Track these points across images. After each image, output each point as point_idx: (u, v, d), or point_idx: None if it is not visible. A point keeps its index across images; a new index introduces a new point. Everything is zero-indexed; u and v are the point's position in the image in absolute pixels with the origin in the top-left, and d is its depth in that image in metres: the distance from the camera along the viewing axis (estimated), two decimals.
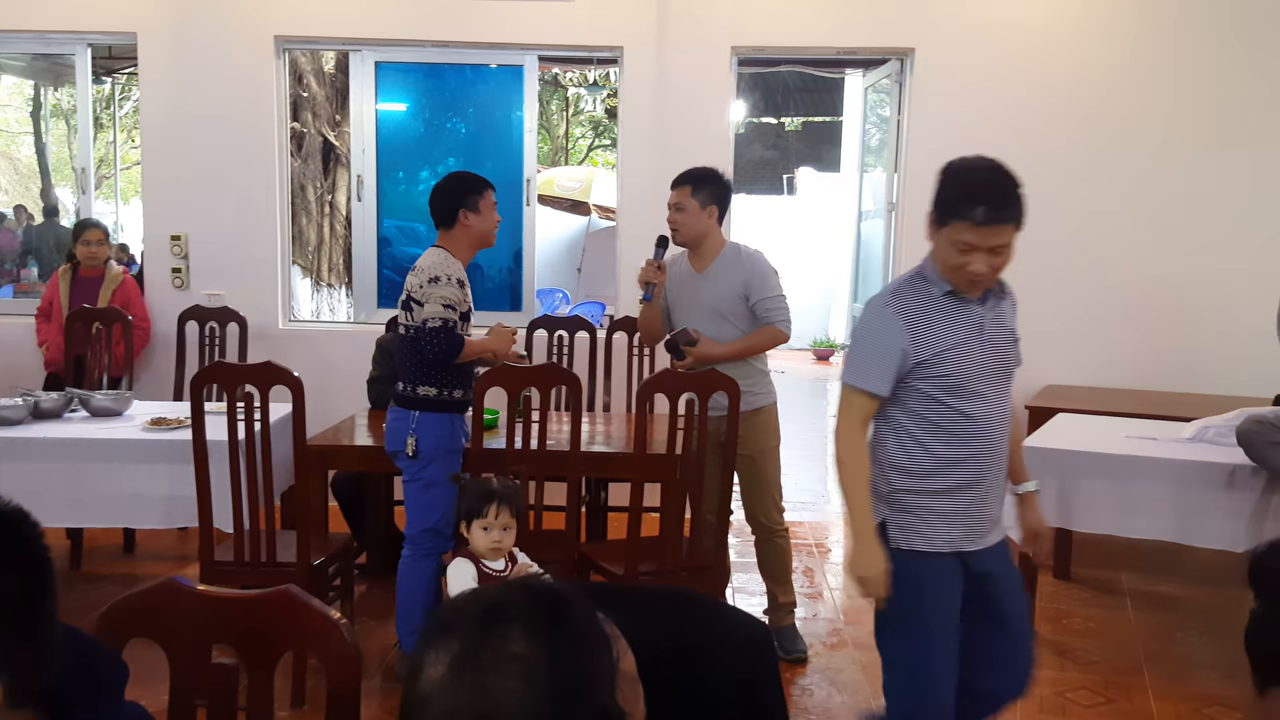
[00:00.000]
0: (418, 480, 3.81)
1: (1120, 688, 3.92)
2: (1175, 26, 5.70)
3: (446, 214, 3.89)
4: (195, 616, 1.61)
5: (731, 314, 4.12)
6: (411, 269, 3.86)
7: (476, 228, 3.89)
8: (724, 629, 1.91)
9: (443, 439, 3.80)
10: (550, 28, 5.99)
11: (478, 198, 3.88)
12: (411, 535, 3.85)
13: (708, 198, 4.13)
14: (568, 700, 1.01)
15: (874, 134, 6.92)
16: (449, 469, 3.80)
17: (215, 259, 6.12)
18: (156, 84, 6.09)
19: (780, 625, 4.24)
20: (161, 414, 4.49)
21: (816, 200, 15.07)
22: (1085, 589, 4.97)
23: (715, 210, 4.16)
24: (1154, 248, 5.74)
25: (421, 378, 3.80)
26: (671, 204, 4.16)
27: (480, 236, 3.91)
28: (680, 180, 4.18)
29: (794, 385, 12.32)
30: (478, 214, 3.88)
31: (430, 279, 3.76)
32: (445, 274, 3.77)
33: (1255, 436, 3.76)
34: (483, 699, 1.00)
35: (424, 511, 3.81)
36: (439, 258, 3.82)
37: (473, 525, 3.09)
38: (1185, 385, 5.57)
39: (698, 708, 1.68)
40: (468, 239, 3.89)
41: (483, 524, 3.08)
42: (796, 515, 6.28)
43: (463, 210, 3.87)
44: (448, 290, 3.76)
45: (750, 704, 1.81)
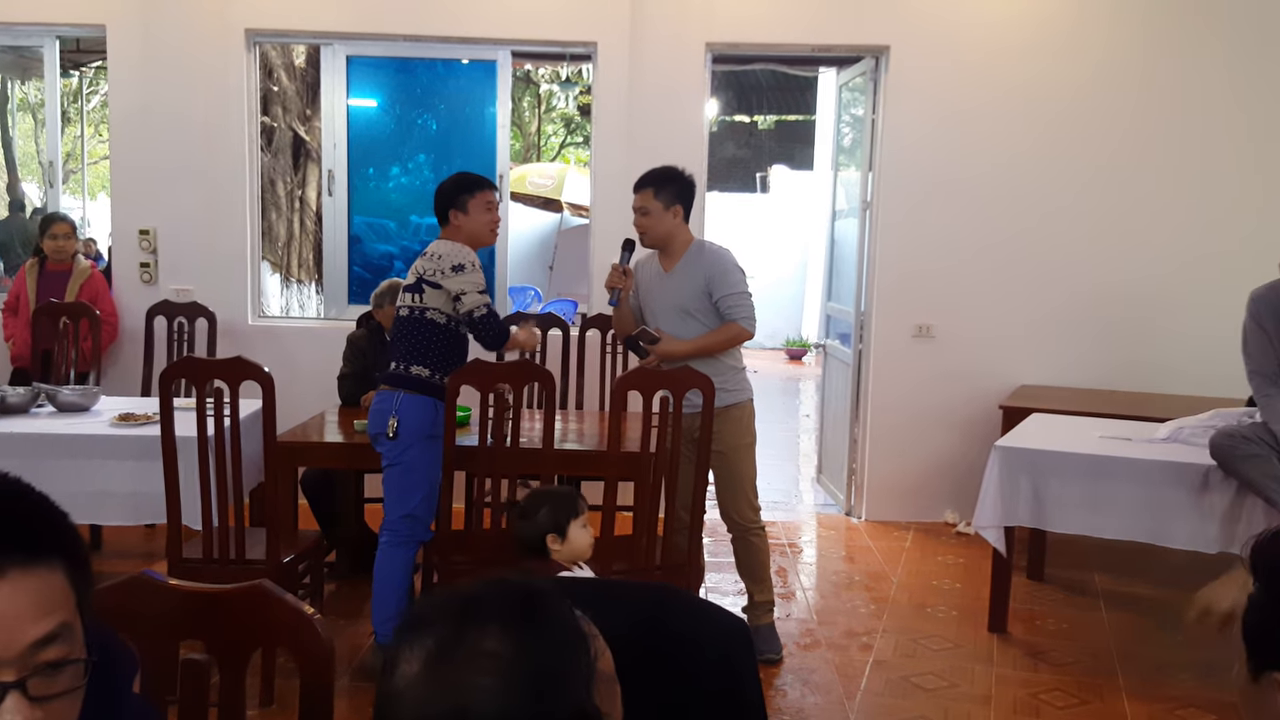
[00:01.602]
0: (398, 463, 3.79)
1: (1094, 688, 3.93)
2: (1146, 27, 5.74)
3: (441, 215, 3.95)
4: (166, 611, 1.57)
5: (698, 311, 4.10)
6: (422, 254, 3.90)
7: (466, 228, 3.90)
8: (703, 624, 1.90)
9: (424, 423, 3.79)
10: (524, 23, 5.96)
11: (468, 197, 3.90)
12: (389, 521, 3.83)
13: (670, 198, 4.11)
14: (544, 698, 1.00)
15: (847, 133, 6.93)
16: (428, 455, 3.80)
17: (184, 254, 6.04)
18: (125, 77, 6.01)
19: (758, 624, 4.20)
20: (130, 409, 4.42)
21: (789, 199, 15.10)
22: (1058, 590, 4.99)
23: (679, 209, 4.14)
24: (1127, 248, 5.78)
25: (417, 357, 3.82)
26: (635, 208, 4.15)
27: (471, 236, 3.91)
28: (642, 183, 4.16)
29: (766, 384, 12.34)
30: (466, 214, 3.89)
31: (454, 266, 3.79)
32: (469, 261, 3.81)
33: (1227, 451, 3.78)
34: (457, 695, 0.99)
35: (402, 496, 3.80)
36: (452, 246, 3.84)
37: (570, 526, 2.96)
38: (1159, 385, 5.60)
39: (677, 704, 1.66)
40: (461, 238, 3.90)
41: (581, 522, 2.99)
42: (770, 515, 6.24)
43: (452, 210, 3.90)
44: (476, 276, 3.82)
45: (730, 700, 1.79)
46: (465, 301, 3.80)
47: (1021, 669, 4.11)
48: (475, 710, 0.98)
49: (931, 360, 5.89)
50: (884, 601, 4.75)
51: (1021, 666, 4.14)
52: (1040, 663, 4.17)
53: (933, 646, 4.27)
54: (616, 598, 2.04)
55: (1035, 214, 5.83)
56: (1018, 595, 4.70)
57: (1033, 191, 5.83)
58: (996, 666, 4.12)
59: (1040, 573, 5.08)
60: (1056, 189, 5.83)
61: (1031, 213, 5.83)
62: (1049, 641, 4.38)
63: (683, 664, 1.78)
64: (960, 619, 4.57)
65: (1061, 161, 5.82)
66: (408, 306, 3.88)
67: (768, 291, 14.72)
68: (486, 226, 3.94)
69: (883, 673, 4.05)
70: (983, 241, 5.79)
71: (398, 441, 3.77)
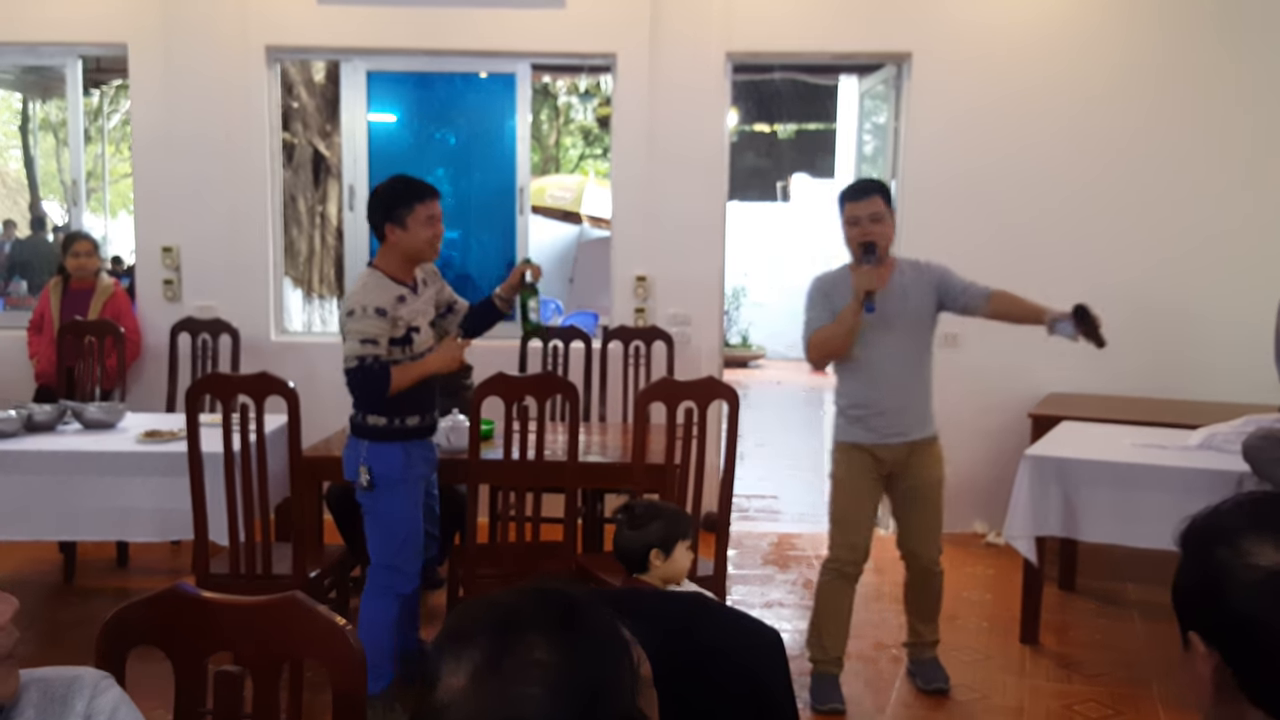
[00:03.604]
0: (373, 512, 3.61)
1: (1128, 700, 3.88)
2: (1167, 29, 5.69)
3: (375, 226, 3.60)
4: (200, 624, 1.57)
5: (927, 328, 3.87)
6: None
7: (403, 244, 3.55)
8: (737, 633, 1.89)
9: (396, 468, 3.57)
10: (543, 35, 5.96)
11: (405, 211, 3.52)
12: (371, 569, 3.68)
13: (890, 207, 3.80)
14: (594, 706, 1.00)
15: (869, 141, 6.90)
16: (405, 499, 3.61)
17: (207, 271, 6.07)
18: (147, 95, 6.04)
19: (920, 658, 4.02)
20: (155, 426, 4.43)
21: (810, 207, 15.06)
22: (1091, 600, 4.93)
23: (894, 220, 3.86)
24: (1156, 253, 5.72)
25: (370, 407, 3.58)
26: (866, 215, 3.72)
27: (408, 254, 3.57)
28: (868, 190, 3.79)
29: (790, 396, 12.31)
30: (403, 229, 3.53)
31: (347, 312, 3.49)
32: (360, 305, 3.46)
33: (1260, 453, 3.73)
34: (509, 707, 0.98)
35: (382, 545, 3.62)
36: (359, 284, 3.54)
37: (677, 547, 2.85)
38: (1190, 392, 5.54)
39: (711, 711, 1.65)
40: (398, 255, 3.57)
41: (687, 544, 2.88)
42: (796, 527, 6.24)
43: (387, 224, 3.54)
44: (363, 324, 3.46)
45: (762, 708, 1.78)
46: (344, 349, 3.49)
47: (1054, 680, 4.06)
48: None
49: (959, 369, 5.83)
50: None
51: (1054, 678, 4.08)
52: (1073, 674, 4.12)
53: (964, 658, 4.22)
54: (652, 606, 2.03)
55: (1061, 220, 5.78)
56: (1049, 606, 4.64)
57: (1057, 196, 5.78)
58: (1029, 678, 4.07)
59: (1072, 583, 5.02)
60: (1081, 193, 5.78)
61: (1057, 218, 5.78)
62: (1082, 652, 4.33)
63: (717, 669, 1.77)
64: (991, 630, 4.52)
65: (1086, 165, 5.77)
66: (345, 356, 3.54)
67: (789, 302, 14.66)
68: (428, 242, 3.58)
69: (913, 685, 4.00)
70: (1008, 248, 5.73)
71: (371, 491, 3.58)
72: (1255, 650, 1.19)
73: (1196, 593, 1.24)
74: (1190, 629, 1.24)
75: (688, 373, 5.28)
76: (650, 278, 6.00)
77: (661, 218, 5.96)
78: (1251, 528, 1.22)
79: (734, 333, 14.40)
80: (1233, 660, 1.20)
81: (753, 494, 6.96)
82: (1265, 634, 1.17)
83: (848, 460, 3.90)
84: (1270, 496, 1.30)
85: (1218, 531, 1.24)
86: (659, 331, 5.71)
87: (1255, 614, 1.18)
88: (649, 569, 2.83)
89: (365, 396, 3.54)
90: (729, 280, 9.21)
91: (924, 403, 3.87)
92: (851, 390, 3.89)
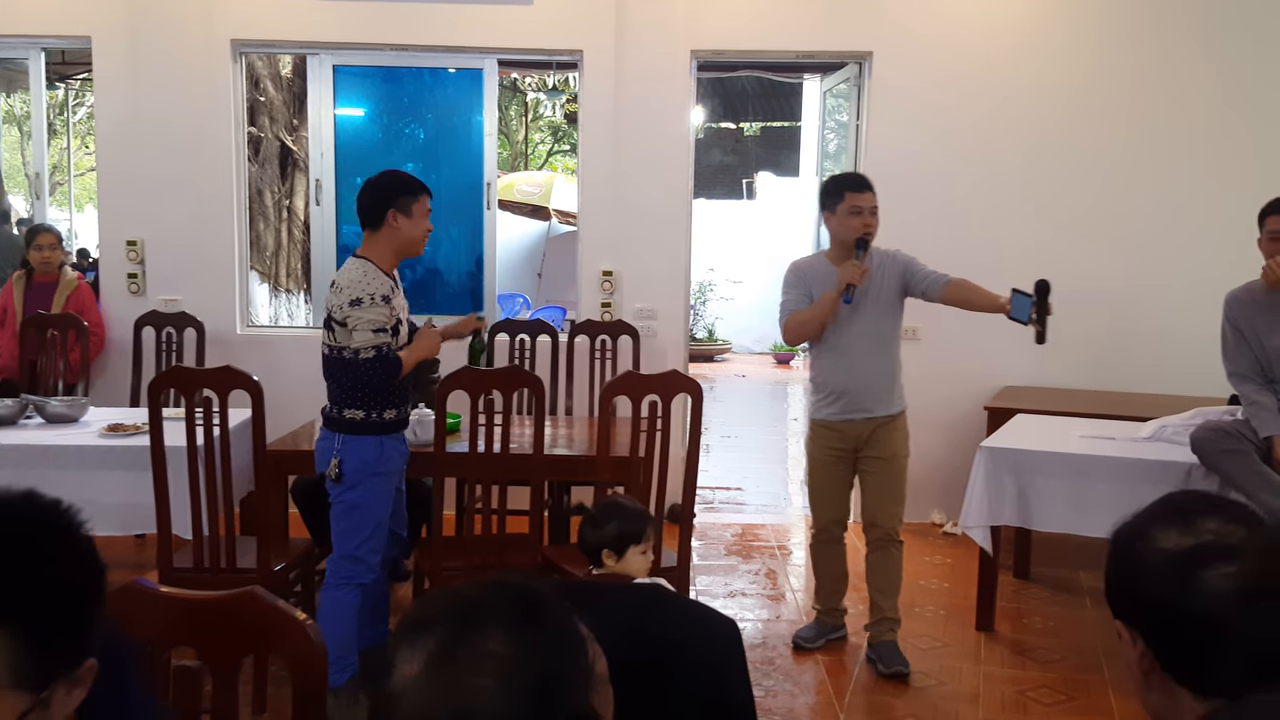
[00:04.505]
0: (340, 503, 3.63)
1: (1080, 685, 3.96)
2: (1128, 32, 5.79)
3: (375, 213, 3.60)
4: (157, 619, 1.59)
5: (893, 313, 4.10)
6: (331, 286, 3.61)
7: (405, 233, 3.60)
8: (694, 624, 1.92)
9: (368, 462, 3.60)
10: (509, 32, 5.98)
11: (411, 200, 3.60)
12: (331, 560, 3.70)
13: None
14: (546, 700, 1.01)
15: (832, 139, 6.97)
16: (376, 492, 3.64)
17: (172, 264, 6.05)
18: (112, 88, 6.02)
19: (880, 640, 4.12)
20: (119, 420, 4.43)
21: (776, 205, 15.13)
22: (1044, 588, 5.03)
23: None
24: (1108, 249, 5.82)
25: (348, 400, 3.59)
26: (869, 207, 4.00)
27: (407, 243, 3.64)
28: (870, 184, 4.05)
29: (755, 389, 12.37)
30: (409, 218, 3.59)
31: (351, 301, 3.50)
32: (367, 294, 3.50)
33: (1209, 445, 3.82)
34: (460, 697, 0.99)
35: (346, 536, 3.64)
36: (358, 273, 3.54)
37: (629, 549, 2.90)
38: (1142, 385, 5.65)
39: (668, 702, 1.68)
40: (393, 244, 3.62)
41: (641, 549, 2.92)
42: (759, 518, 6.31)
43: (393, 210, 3.58)
44: (373, 313, 3.51)
45: (719, 698, 1.82)
46: (355, 339, 3.52)
47: (1009, 667, 4.15)
48: (478, 712, 0.99)
49: (917, 363, 5.88)
50: None
51: (1009, 664, 4.17)
52: (1027, 660, 4.20)
53: (921, 646, 4.30)
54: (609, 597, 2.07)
55: (1018, 216, 5.87)
56: (1004, 594, 4.74)
57: (1014, 193, 5.87)
58: (984, 665, 4.15)
59: (1026, 571, 5.12)
60: (1039, 192, 5.87)
61: (1014, 215, 5.87)
62: (1036, 639, 4.41)
63: (674, 661, 1.80)
64: (948, 618, 4.60)
65: (1043, 165, 5.86)
66: (326, 345, 3.62)
67: (755, 297, 14.78)
68: (423, 235, 3.67)
69: (872, 672, 4.07)
70: (966, 244, 5.80)
71: (340, 483, 3.61)
72: (1168, 628, 1.27)
73: (1118, 583, 1.34)
74: (1117, 619, 1.33)
75: (654, 366, 5.33)
76: (617, 272, 6.04)
77: (628, 213, 6.00)
78: (1161, 519, 1.32)
79: (700, 327, 14.46)
80: (1152, 642, 1.29)
81: (718, 485, 7.02)
82: (1172, 612, 1.26)
83: (817, 437, 4.21)
84: (1185, 493, 1.40)
85: (1135, 527, 1.34)
86: (625, 326, 5.75)
87: (1162, 594, 1.27)
88: (603, 566, 2.90)
89: (378, 385, 3.57)
90: (695, 275, 9.26)
91: (888, 382, 4.11)
92: (821, 370, 4.17)
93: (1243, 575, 1.25)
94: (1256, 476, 3.70)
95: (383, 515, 3.70)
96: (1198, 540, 1.28)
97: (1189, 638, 1.26)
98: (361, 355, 3.53)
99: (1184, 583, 1.26)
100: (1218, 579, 1.25)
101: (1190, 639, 1.26)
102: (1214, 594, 1.25)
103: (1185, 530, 1.29)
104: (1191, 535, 1.28)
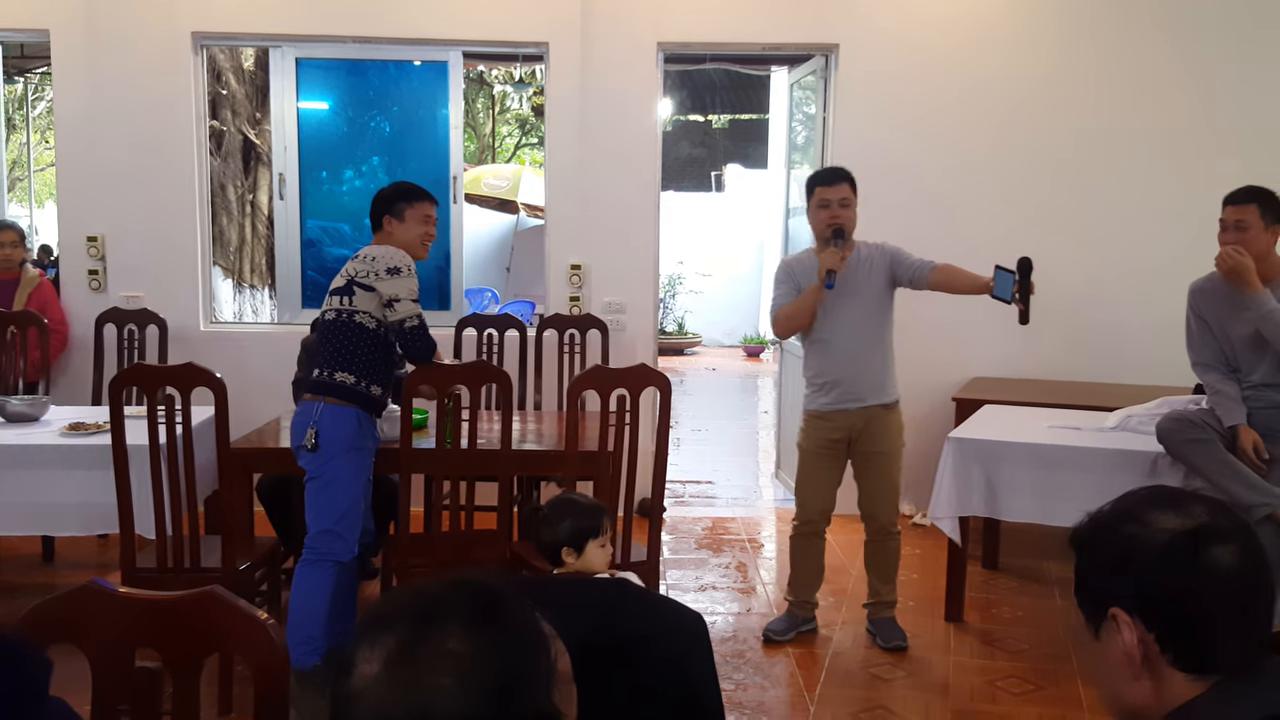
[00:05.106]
0: (318, 477, 3.65)
1: (1049, 675, 3.98)
2: (1093, 26, 5.82)
3: (375, 218, 3.85)
4: (117, 620, 1.56)
5: (882, 302, 4.17)
6: (354, 256, 3.76)
7: (399, 236, 3.79)
8: (661, 618, 1.91)
9: (344, 435, 3.64)
10: (474, 24, 5.94)
11: (405, 205, 3.80)
12: (308, 538, 3.69)
13: (855, 196, 4.16)
14: (506, 700, 1.00)
15: (800, 131, 6.97)
16: (351, 468, 3.66)
17: (133, 260, 5.97)
18: (71, 82, 5.93)
19: (879, 618, 4.29)
20: (80, 419, 4.37)
21: (745, 197, 15.16)
22: (1013, 578, 5.06)
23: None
24: (1073, 241, 5.84)
25: (341, 364, 3.67)
26: (835, 200, 4.10)
27: (404, 246, 3.77)
28: (841, 177, 4.15)
29: (725, 382, 12.40)
30: (402, 223, 3.79)
31: (389, 269, 3.65)
32: (405, 264, 3.69)
33: (1174, 434, 3.84)
34: (419, 696, 0.99)
35: (322, 511, 3.66)
36: (387, 249, 3.72)
37: (588, 545, 2.89)
38: (1108, 376, 5.69)
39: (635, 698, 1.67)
40: (392, 246, 3.78)
41: (599, 542, 2.91)
42: (730, 510, 6.31)
43: (387, 216, 3.80)
44: (411, 282, 3.69)
45: (687, 693, 1.81)
46: (398, 309, 3.66)
47: (978, 656, 4.17)
48: (437, 711, 0.98)
49: None
50: (843, 594, 4.79)
51: (978, 654, 4.19)
52: (996, 650, 4.22)
53: None
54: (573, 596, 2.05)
55: (983, 208, 5.89)
56: (973, 584, 4.76)
57: (982, 186, 5.89)
58: (954, 655, 4.17)
59: (995, 562, 5.14)
60: (1005, 184, 5.90)
61: (981, 208, 5.89)
62: (1004, 629, 4.44)
63: (641, 656, 1.79)
64: (918, 609, 4.61)
65: (1010, 157, 5.88)
66: (334, 310, 3.72)
67: (724, 289, 14.82)
68: (420, 238, 3.83)
69: (841, 664, 4.09)
70: (934, 237, 5.79)
71: (318, 454, 3.62)
72: (1171, 608, 1.29)
73: (1112, 569, 1.34)
74: (1109, 608, 1.32)
75: (623, 360, 5.30)
76: (585, 266, 6.02)
77: (596, 206, 5.98)
78: (1150, 504, 1.35)
79: (670, 320, 14.47)
80: (1153, 624, 1.30)
81: (688, 479, 7.02)
82: (1177, 591, 1.28)
83: (809, 429, 4.27)
84: (1163, 487, 1.44)
85: (1122, 514, 1.36)
86: (594, 319, 5.74)
87: (1171, 571, 1.29)
88: (563, 565, 2.88)
89: (418, 352, 3.72)
90: (664, 268, 9.25)
91: (880, 372, 4.17)
92: (813, 361, 4.24)
93: (1245, 553, 1.29)
94: (1221, 465, 3.73)
95: (360, 492, 3.73)
96: (1198, 521, 1.31)
97: (1199, 614, 1.28)
98: (408, 324, 3.67)
99: (1195, 559, 1.28)
100: (1227, 555, 1.28)
101: (1200, 615, 1.28)
102: (1224, 569, 1.28)
103: (1181, 513, 1.32)
104: (1190, 517, 1.31)
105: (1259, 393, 3.85)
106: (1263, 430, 3.77)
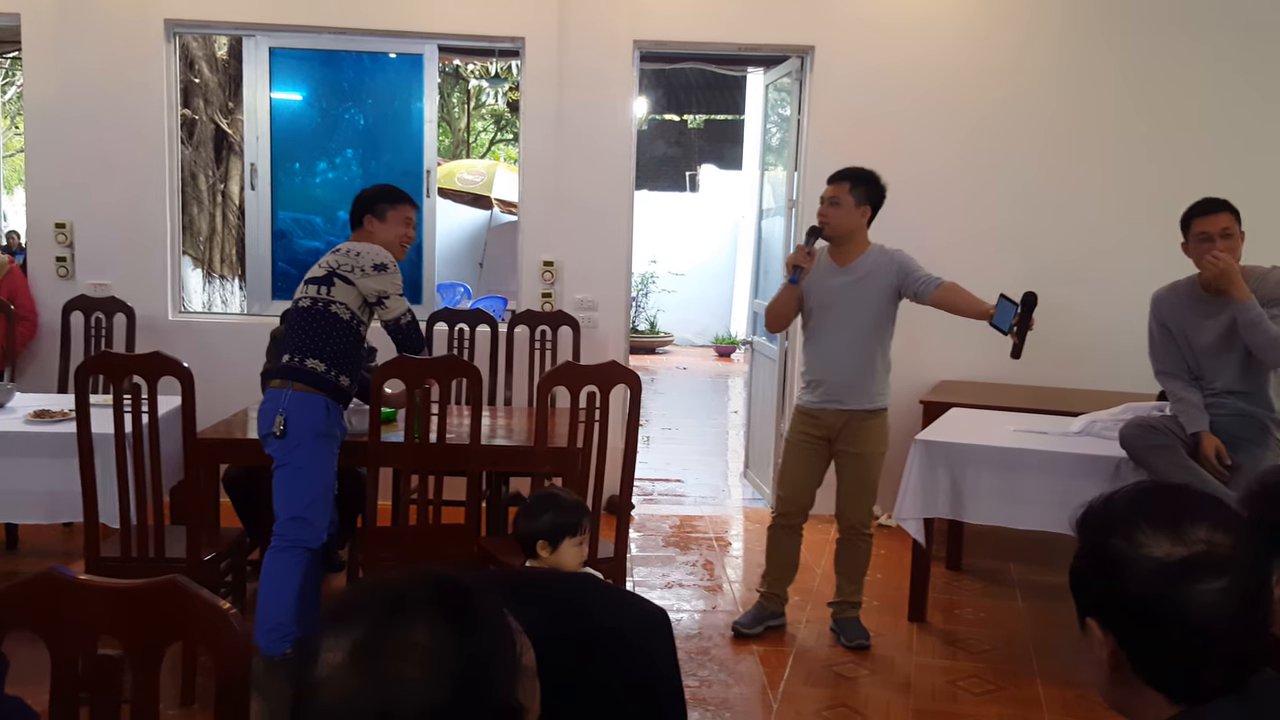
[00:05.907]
0: (287, 464, 3.66)
1: (1009, 675, 4.02)
2: (1065, 28, 5.86)
3: (355, 217, 3.90)
4: (77, 608, 1.55)
5: (880, 306, 4.18)
6: (334, 250, 3.79)
7: (379, 235, 3.84)
8: (624, 615, 1.92)
9: (312, 421, 3.66)
10: (450, 17, 5.93)
11: (388, 206, 3.86)
12: (277, 525, 3.70)
13: (862, 197, 4.16)
14: (470, 693, 1.00)
15: (774, 132, 6.99)
16: (320, 455, 3.69)
17: (102, 248, 5.92)
18: (41, 67, 5.87)
19: (843, 617, 4.32)
20: (45, 406, 4.33)
21: (718, 197, 15.18)
22: (976, 579, 5.10)
23: (868, 211, 4.19)
24: (1043, 247, 5.89)
25: (313, 350, 3.70)
26: (826, 197, 4.16)
27: (382, 245, 3.81)
28: (840, 176, 4.19)
29: (696, 382, 12.42)
30: (383, 223, 3.85)
31: (375, 265, 3.71)
32: (390, 261, 3.75)
33: (1137, 440, 3.88)
34: (381, 688, 0.99)
35: (292, 498, 3.66)
36: (370, 246, 3.77)
37: (565, 541, 2.89)
38: (1074, 381, 5.74)
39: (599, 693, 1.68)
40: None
41: (576, 541, 2.90)
42: (698, 510, 6.33)
43: (368, 216, 3.86)
44: (398, 278, 3.76)
45: (650, 688, 1.82)
46: (390, 306, 3.73)
47: (940, 657, 4.20)
48: (400, 704, 0.98)
49: None
50: (808, 593, 4.81)
51: (940, 654, 4.22)
52: (958, 651, 4.26)
53: None
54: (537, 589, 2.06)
55: (956, 215, 5.92)
56: (937, 585, 4.80)
57: (953, 192, 5.93)
58: (916, 655, 4.20)
59: (959, 563, 5.19)
60: (976, 190, 5.93)
61: (952, 213, 5.92)
62: (967, 630, 4.48)
63: (603, 655, 1.80)
64: (881, 609, 4.64)
65: (981, 162, 5.92)
66: (310, 298, 3.73)
67: (697, 289, 14.84)
68: (399, 240, 3.88)
69: (805, 662, 4.11)
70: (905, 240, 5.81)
71: (285, 441, 3.63)
72: (1149, 635, 1.27)
73: (1093, 580, 1.32)
74: (1088, 614, 1.32)
75: (594, 357, 5.31)
76: (558, 263, 6.01)
77: (569, 203, 5.97)
78: (1145, 520, 1.29)
79: (642, 319, 14.48)
80: (1127, 644, 1.29)
81: (657, 477, 7.03)
82: (1158, 620, 1.26)
83: (795, 422, 4.35)
84: (1161, 489, 1.37)
85: (1113, 522, 1.32)
86: (565, 316, 5.74)
87: (1149, 602, 1.26)
88: (537, 558, 2.89)
89: (414, 345, 3.82)
90: (637, 267, 9.26)
91: (866, 377, 4.18)
92: (806, 358, 4.31)
93: (1233, 590, 1.24)
94: (1183, 471, 3.76)
95: (328, 480, 3.75)
96: (1190, 551, 1.25)
97: (1172, 649, 1.26)
98: (402, 320, 3.76)
99: (1174, 596, 1.24)
100: (1209, 594, 1.23)
101: (1173, 650, 1.26)
102: (1204, 609, 1.23)
103: (1176, 539, 1.26)
104: (1183, 545, 1.25)
105: (1221, 400, 3.89)
106: (1225, 437, 3.81)
